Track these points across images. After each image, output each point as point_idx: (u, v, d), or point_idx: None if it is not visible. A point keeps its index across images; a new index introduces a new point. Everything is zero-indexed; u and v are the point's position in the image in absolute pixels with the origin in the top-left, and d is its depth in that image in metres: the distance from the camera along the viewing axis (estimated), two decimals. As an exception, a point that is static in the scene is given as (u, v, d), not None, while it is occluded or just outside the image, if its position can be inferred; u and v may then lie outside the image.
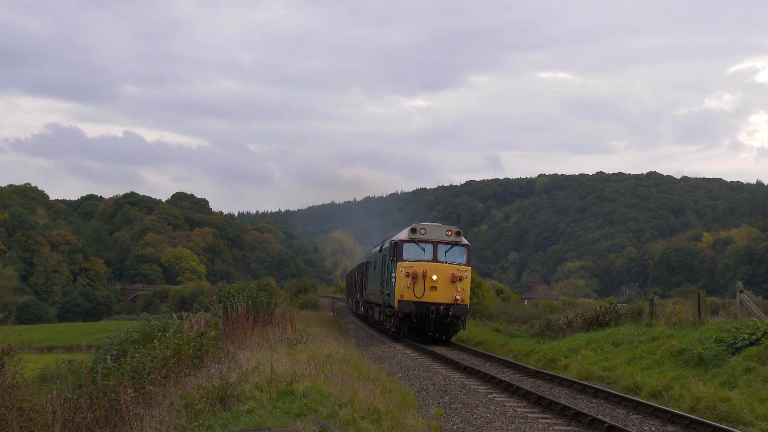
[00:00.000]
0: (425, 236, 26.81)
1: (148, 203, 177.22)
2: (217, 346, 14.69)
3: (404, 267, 26.20)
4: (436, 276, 26.03)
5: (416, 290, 26.08)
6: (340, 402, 10.24)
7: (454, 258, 26.73)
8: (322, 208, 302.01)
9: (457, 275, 26.24)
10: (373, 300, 34.86)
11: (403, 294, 26.10)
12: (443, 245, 26.83)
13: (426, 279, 25.95)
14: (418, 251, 26.67)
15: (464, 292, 26.37)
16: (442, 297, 26.14)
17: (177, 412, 9.35)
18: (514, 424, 12.47)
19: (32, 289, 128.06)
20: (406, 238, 26.87)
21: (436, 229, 27.02)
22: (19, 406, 10.34)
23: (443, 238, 26.82)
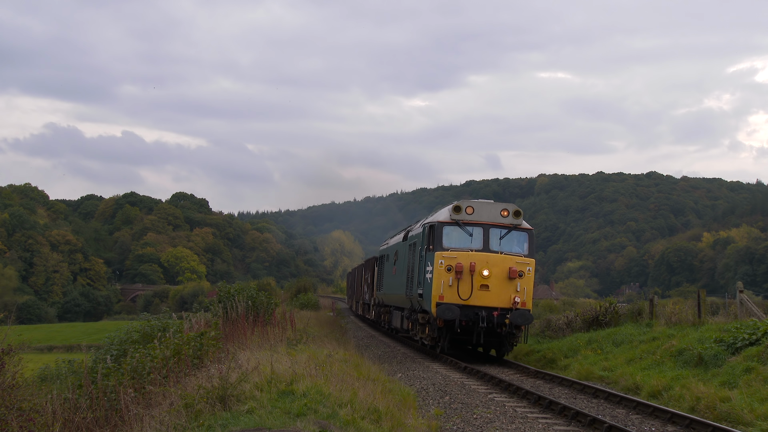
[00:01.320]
0: (473, 217, 20.89)
1: (148, 203, 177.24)
2: (217, 346, 14.70)
3: (445, 258, 20.31)
4: (487, 271, 20.24)
5: (461, 290, 20.14)
6: (340, 402, 10.25)
7: (512, 247, 20.96)
8: (322, 208, 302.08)
9: (517, 270, 20.31)
10: (392, 302, 28.89)
11: (444, 295, 20.18)
12: (497, 229, 20.91)
13: (474, 275, 20.16)
14: (463, 237, 20.84)
15: (526, 293, 20.49)
16: (495, 299, 20.31)
17: (177, 412, 9.35)
18: (514, 424, 12.48)
19: (32, 289, 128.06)
20: (447, 220, 20.94)
21: (487, 208, 21.15)
22: (19, 406, 10.34)
23: (497, 219, 20.95)
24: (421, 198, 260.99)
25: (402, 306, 26.34)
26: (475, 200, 21.52)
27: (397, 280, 26.22)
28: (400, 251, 26.51)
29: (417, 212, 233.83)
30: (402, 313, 26.64)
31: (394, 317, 28.88)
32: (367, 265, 41.46)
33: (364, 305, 43.91)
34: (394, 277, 27.27)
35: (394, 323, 28.88)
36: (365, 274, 41.82)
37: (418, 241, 22.86)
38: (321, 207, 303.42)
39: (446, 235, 20.81)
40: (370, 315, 39.70)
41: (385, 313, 32.16)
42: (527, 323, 20.55)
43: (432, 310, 20.47)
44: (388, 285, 29.50)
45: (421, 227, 22.67)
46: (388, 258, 30.26)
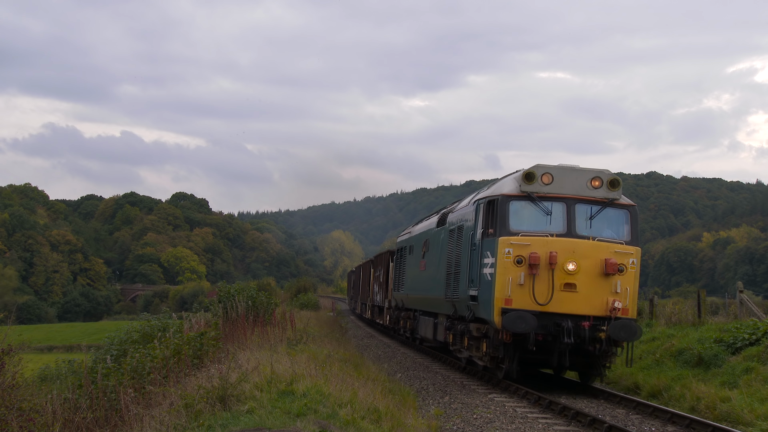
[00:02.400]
0: (551, 188, 15.36)
1: (148, 203, 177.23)
2: (217, 346, 14.72)
3: (514, 246, 14.85)
4: (574, 264, 14.77)
5: (538, 291, 14.72)
6: (340, 402, 10.25)
7: (607, 230, 15.50)
8: (322, 208, 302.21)
9: (615, 263, 14.85)
10: (419, 305, 23.60)
11: (512, 297, 14.77)
12: (585, 205, 15.39)
13: (555, 270, 14.68)
14: (537, 217, 15.30)
15: (629, 296, 15.02)
16: (585, 304, 14.88)
17: (177, 412, 9.35)
18: (514, 424, 12.48)
19: (32, 289, 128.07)
20: (515, 192, 15.41)
21: (571, 176, 15.48)
22: (19, 406, 10.34)
23: (585, 191, 15.39)
24: (421, 198, 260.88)
25: (435, 311, 20.90)
26: (554, 165, 15.59)
27: (429, 278, 21.07)
28: (433, 240, 21.07)
29: (417, 212, 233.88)
30: (435, 320, 21.07)
31: (422, 325, 23.14)
32: (379, 261, 35.83)
33: (374, 308, 38.06)
34: (423, 273, 22.06)
35: (422, 332, 23.10)
36: (376, 271, 36.69)
37: (466, 225, 17.25)
38: (321, 207, 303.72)
39: (514, 213, 15.26)
40: (383, 320, 33.71)
41: (407, 319, 26.28)
42: (633, 339, 14.93)
43: (494, 319, 14.87)
44: (412, 284, 24.16)
45: (473, 205, 16.97)
46: (411, 250, 24.74)
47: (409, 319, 26.13)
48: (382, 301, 33.92)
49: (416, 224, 27.20)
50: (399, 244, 28.82)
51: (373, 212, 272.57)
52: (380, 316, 35.43)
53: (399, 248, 28.41)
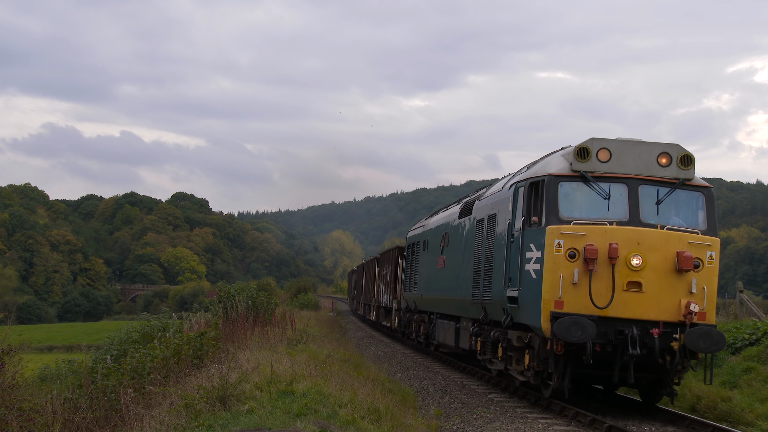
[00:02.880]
0: (610, 166, 12.94)
1: (148, 203, 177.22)
2: (217, 346, 14.72)
3: (566, 237, 12.42)
4: (639, 258, 12.35)
5: (596, 291, 12.29)
6: (340, 402, 10.25)
7: (679, 216, 13.11)
8: (322, 208, 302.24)
9: (691, 256, 12.42)
10: (437, 308, 21.26)
11: (564, 299, 12.36)
12: (651, 187, 12.97)
13: (617, 265, 12.29)
14: (592, 201, 12.92)
15: (707, 296, 12.62)
16: (654, 307, 12.41)
17: (177, 412, 9.35)
18: (514, 424, 12.47)
19: (32, 289, 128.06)
20: (566, 172, 13.02)
21: (634, 151, 13.01)
22: (19, 406, 10.36)
23: (651, 170, 12.96)
24: (421, 198, 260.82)
25: (458, 314, 18.67)
26: (613, 138, 13.17)
27: (450, 277, 18.82)
28: (455, 233, 18.72)
29: (417, 212, 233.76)
30: (457, 324, 18.71)
31: (439, 329, 20.79)
32: (386, 259, 33.33)
33: (380, 309, 35.44)
34: (442, 271, 19.85)
35: (440, 338, 20.79)
36: (382, 270, 34.38)
37: (500, 213, 14.88)
38: (321, 207, 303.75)
39: (565, 197, 12.90)
40: (390, 322, 31.34)
41: (421, 323, 23.92)
42: (715, 350, 12.45)
43: (541, 326, 12.41)
44: (428, 283, 22.06)
45: (510, 189, 14.42)
46: (426, 245, 22.57)
47: (423, 322, 23.60)
48: (389, 302, 31.23)
49: (431, 216, 24.43)
50: (410, 240, 26.02)
51: (373, 212, 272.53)
52: (387, 318, 32.90)
53: (410, 244, 25.75)
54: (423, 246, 23.21)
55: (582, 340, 12.05)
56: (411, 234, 26.60)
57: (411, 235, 26.54)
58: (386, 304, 32.49)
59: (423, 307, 23.54)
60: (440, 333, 20.78)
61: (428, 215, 26.10)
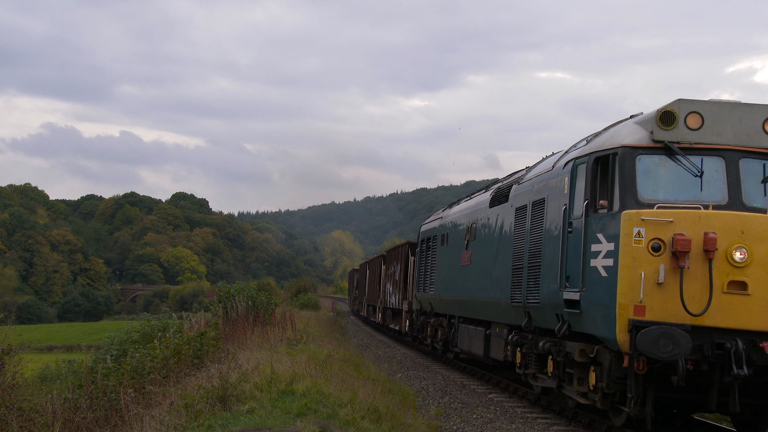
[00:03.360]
0: (702, 135, 10.45)
1: (148, 203, 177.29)
2: (217, 346, 14.73)
3: (647, 224, 9.91)
4: (744, 251, 9.86)
5: (687, 294, 9.80)
6: (340, 402, 10.25)
7: None
8: (322, 208, 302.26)
9: None
10: (460, 311, 18.73)
11: (645, 303, 9.83)
12: (756, 160, 10.49)
13: (715, 260, 9.82)
14: (681, 178, 10.48)
15: None
16: (764, 314, 9.87)
17: (177, 412, 9.35)
18: (514, 424, 12.47)
19: (32, 289, 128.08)
20: (645, 142, 10.54)
21: (731, 116, 10.49)
22: (19, 406, 10.36)
23: (755, 140, 10.50)
24: (421, 198, 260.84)
25: (489, 319, 16.10)
26: (705, 100, 10.62)
27: (478, 275, 16.17)
28: (484, 225, 16.12)
29: (417, 212, 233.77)
30: (487, 331, 16.16)
31: (463, 336, 18.22)
32: (395, 256, 30.63)
33: (386, 311, 32.99)
34: (468, 269, 17.15)
35: (464, 345, 18.16)
36: (389, 268, 31.77)
37: (551, 198, 12.47)
38: (321, 207, 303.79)
39: (645, 174, 10.40)
40: (399, 325, 28.84)
41: (438, 327, 21.25)
42: None
43: (616, 337, 9.91)
44: (448, 283, 19.39)
45: (565, 167, 12.02)
46: (445, 240, 20.04)
47: (440, 327, 20.80)
48: (398, 303, 28.63)
49: (450, 207, 21.55)
50: (424, 234, 23.39)
51: (373, 212, 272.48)
52: (396, 320, 30.53)
53: (424, 239, 23.13)
54: (441, 241, 20.50)
55: (673, 357, 9.42)
56: (425, 228, 23.87)
57: (425, 229, 23.77)
58: (394, 306, 29.97)
59: (441, 309, 20.81)
60: (464, 340, 18.11)
61: (446, 206, 23.05)
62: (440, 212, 22.97)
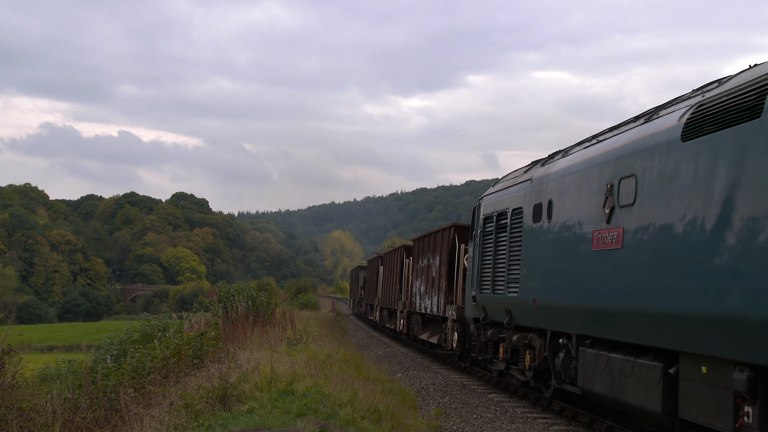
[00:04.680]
0: None
1: (148, 203, 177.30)
2: (217, 346, 14.72)
3: None
4: None
5: None
6: (340, 402, 10.25)
7: None
8: (322, 208, 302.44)
9: None
10: (588, 328, 11.44)
11: None
12: None
13: None
14: None
15: None
16: None
17: (177, 412, 9.35)
18: (514, 424, 12.47)
19: (32, 289, 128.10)
20: None
21: None
22: (19, 406, 10.36)
23: None
24: (421, 198, 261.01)
25: (685, 349, 8.82)
26: None
27: (644, 266, 9.75)
28: (660, 174, 9.58)
29: (417, 212, 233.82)
30: (671, 369, 9.20)
31: (596, 369, 11.12)
32: (430, 245, 24.12)
33: (415, 317, 26.50)
34: (611, 257, 10.68)
35: (601, 386, 10.91)
36: (420, 261, 25.47)
37: None
38: (321, 207, 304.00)
39: None
40: (441, 338, 22.30)
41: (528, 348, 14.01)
42: None
43: None
44: (557, 279, 12.49)
45: None
46: (547, 210, 13.05)
47: (529, 347, 13.80)
48: (437, 308, 22.11)
49: (553, 158, 13.86)
50: (492, 208, 16.05)
51: (373, 212, 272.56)
52: (429, 330, 24.16)
53: (490, 216, 15.96)
54: (535, 213, 13.39)
55: None
56: (492, 199, 16.37)
57: (492, 200, 16.27)
58: (429, 311, 23.27)
59: (532, 321, 13.54)
60: (596, 376, 11.06)
61: (537, 162, 15.00)
62: (526, 171, 14.89)
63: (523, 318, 14.09)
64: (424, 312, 24.46)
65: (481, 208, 17.28)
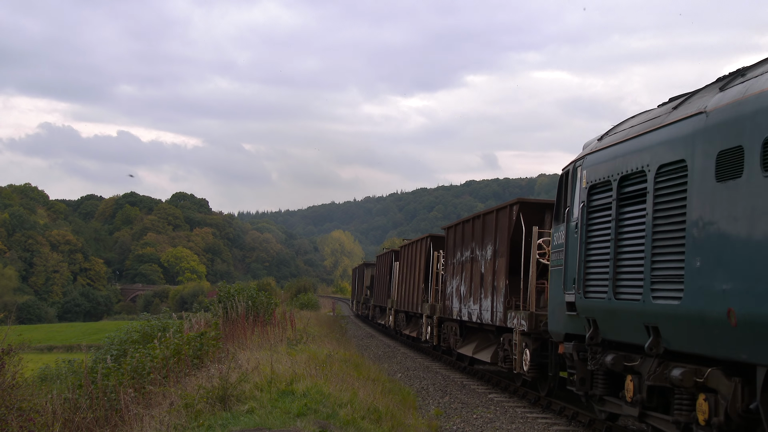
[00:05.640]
0: None
1: (148, 203, 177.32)
2: (217, 346, 14.72)
3: None
4: None
5: None
6: (340, 402, 10.24)
7: None
8: (322, 208, 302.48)
9: None
10: None
11: None
12: None
13: None
14: None
15: None
16: None
17: (177, 412, 9.35)
18: (514, 424, 12.47)
19: (32, 289, 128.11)
20: None
21: None
22: (19, 406, 10.36)
23: None
24: (421, 198, 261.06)
25: None
26: None
27: None
28: None
29: (417, 212, 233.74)
30: None
31: None
32: (478, 231, 19.06)
33: (449, 325, 21.93)
34: None
35: None
36: (461, 253, 20.60)
37: None
38: (321, 207, 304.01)
39: None
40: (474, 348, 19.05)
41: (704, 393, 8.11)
42: None
43: None
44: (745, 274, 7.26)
45: None
46: (725, 166, 7.74)
47: (704, 389, 8.22)
48: (492, 315, 17.05)
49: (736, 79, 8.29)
50: (604, 170, 10.86)
51: (373, 212, 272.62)
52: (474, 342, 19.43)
53: (602, 182, 10.83)
54: (721, 166, 7.83)
55: None
56: (603, 156, 11.05)
57: (604, 158, 10.98)
58: (474, 318, 18.57)
59: (715, 346, 7.96)
60: None
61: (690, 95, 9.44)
62: (679, 105, 9.40)
63: (687, 340, 8.54)
64: (465, 319, 19.44)
65: (581, 174, 11.76)
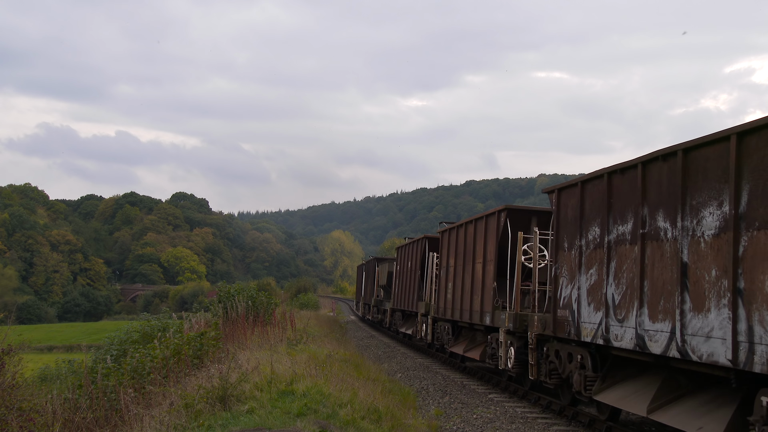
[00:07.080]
0: None
1: (148, 203, 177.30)
2: (217, 346, 14.71)
3: None
4: None
5: None
6: (340, 402, 10.24)
7: None
8: (322, 208, 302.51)
9: None
10: None
11: None
12: None
13: None
14: None
15: None
16: None
17: (177, 412, 9.35)
18: (514, 424, 12.47)
19: (32, 289, 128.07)
20: None
21: None
22: (19, 406, 10.35)
23: None
24: (421, 198, 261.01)
25: None
26: None
27: None
28: None
29: (417, 212, 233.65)
30: None
31: None
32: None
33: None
34: None
35: None
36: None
37: None
38: (321, 207, 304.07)
39: None
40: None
41: None
42: None
43: None
44: None
45: None
46: None
47: None
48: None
49: None
50: None
51: (373, 212, 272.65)
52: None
53: None
54: None
55: None
56: None
57: None
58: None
59: None
60: None
61: None
62: None
63: None
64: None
65: None
